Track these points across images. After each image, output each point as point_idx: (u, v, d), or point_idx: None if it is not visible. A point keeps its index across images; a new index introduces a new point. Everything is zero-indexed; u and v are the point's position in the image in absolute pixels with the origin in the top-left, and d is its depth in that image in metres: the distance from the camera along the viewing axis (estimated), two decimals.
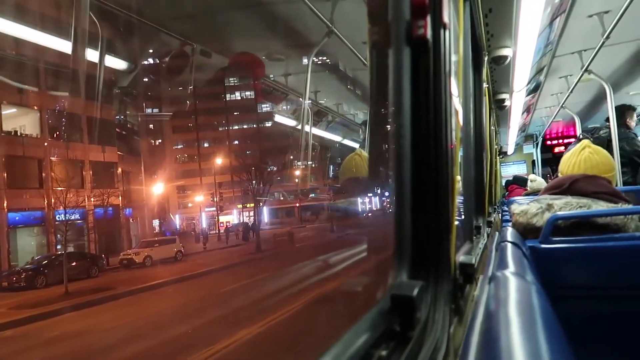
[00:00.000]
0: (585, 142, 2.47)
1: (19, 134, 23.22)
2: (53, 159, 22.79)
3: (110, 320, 9.73)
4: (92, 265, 19.41)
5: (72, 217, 24.06)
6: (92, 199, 24.48)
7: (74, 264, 18.43)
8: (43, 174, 21.66)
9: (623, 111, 5.49)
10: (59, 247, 22.84)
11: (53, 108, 24.86)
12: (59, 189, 19.72)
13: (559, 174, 2.49)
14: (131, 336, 8.03)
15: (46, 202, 18.50)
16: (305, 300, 8.52)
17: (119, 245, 26.12)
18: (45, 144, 22.99)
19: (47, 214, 18.17)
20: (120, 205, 28.38)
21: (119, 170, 29.09)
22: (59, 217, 22.55)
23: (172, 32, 3.65)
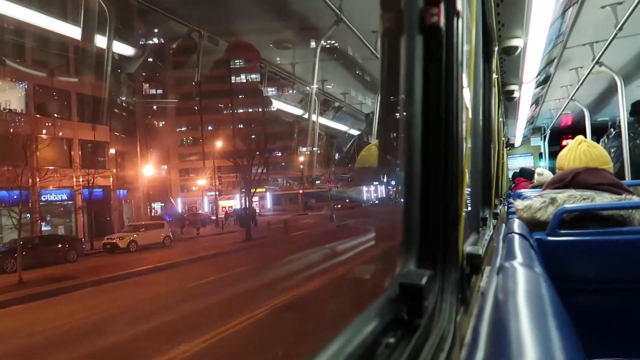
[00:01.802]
0: (580, 137, 2.53)
1: (2, 109, 22.33)
2: (43, 136, 21.88)
3: (48, 319, 8.47)
4: (70, 250, 18.32)
5: (58, 198, 23.60)
6: (80, 179, 23.36)
7: (49, 248, 17.57)
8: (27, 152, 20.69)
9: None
10: (45, 227, 22.31)
11: (40, 83, 23.79)
12: (49, 168, 18.93)
13: (557, 171, 2.50)
14: (57, 344, 6.80)
15: (30, 181, 17.66)
16: (271, 306, 7.14)
17: (109, 228, 25.22)
18: (31, 120, 22.08)
19: (30, 193, 17.26)
20: (112, 186, 27.23)
21: (112, 150, 27.93)
22: (44, 198, 21.83)
23: (181, 18, 3.63)
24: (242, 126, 50.80)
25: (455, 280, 0.86)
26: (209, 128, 49.87)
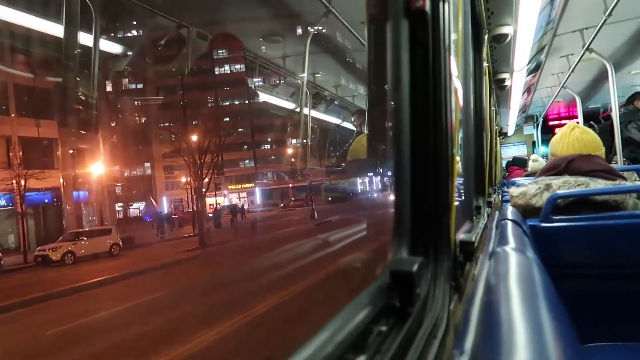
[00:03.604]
0: (573, 123, 2.55)
1: None
2: None
3: None
4: None
5: None
6: (21, 182, 20.18)
7: None
8: None
9: (634, 96, 5.59)
10: None
11: None
12: None
13: (549, 157, 2.51)
14: None
15: None
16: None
17: (61, 235, 21.27)
18: None
19: None
20: (62, 188, 23.94)
21: (68, 148, 24.52)
22: None
23: (162, 11, 3.55)
24: (227, 119, 49.39)
25: (448, 268, 0.86)
26: (194, 123, 47.86)
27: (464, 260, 1.08)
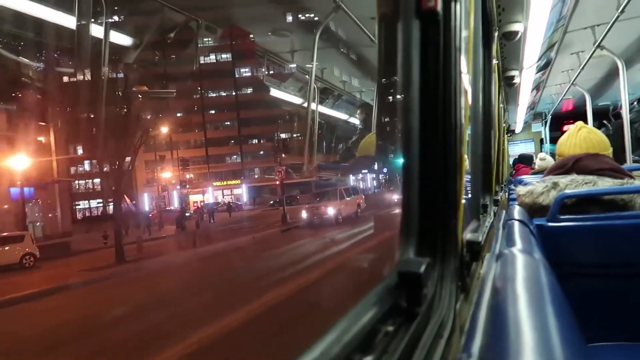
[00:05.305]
0: (580, 123, 2.55)
1: None
2: None
3: None
4: None
5: None
6: None
7: None
8: None
9: None
10: None
11: None
12: None
13: (557, 157, 2.52)
14: None
15: None
16: None
17: None
18: None
19: None
20: None
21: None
22: None
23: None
24: (213, 112, 47.58)
25: (454, 268, 0.86)
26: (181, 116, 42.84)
27: (470, 260, 1.08)
